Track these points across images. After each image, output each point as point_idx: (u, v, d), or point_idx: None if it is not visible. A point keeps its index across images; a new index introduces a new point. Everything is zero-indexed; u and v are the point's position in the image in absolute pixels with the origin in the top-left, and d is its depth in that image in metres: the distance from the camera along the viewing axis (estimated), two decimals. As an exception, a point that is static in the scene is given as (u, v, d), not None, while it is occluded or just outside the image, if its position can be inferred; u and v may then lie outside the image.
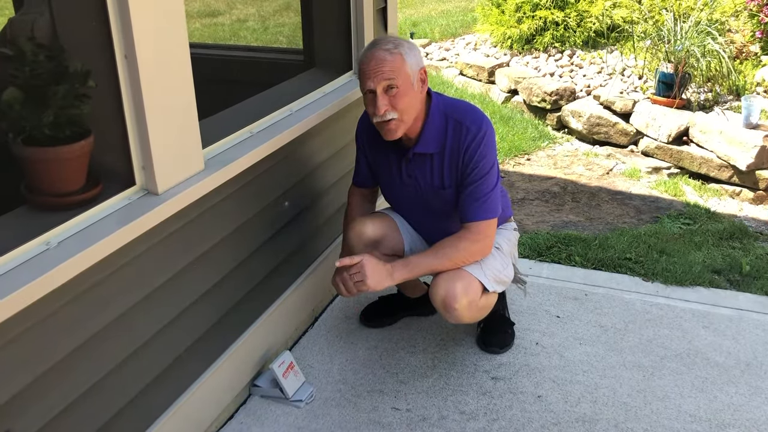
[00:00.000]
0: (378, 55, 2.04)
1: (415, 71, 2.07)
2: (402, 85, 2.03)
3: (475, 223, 2.13)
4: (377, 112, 2.05)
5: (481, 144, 2.10)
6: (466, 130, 2.11)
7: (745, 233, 3.57)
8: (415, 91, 2.07)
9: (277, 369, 2.20)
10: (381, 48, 2.05)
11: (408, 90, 2.05)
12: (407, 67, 2.04)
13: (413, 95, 2.07)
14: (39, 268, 1.41)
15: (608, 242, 3.30)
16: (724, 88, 4.97)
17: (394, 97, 2.04)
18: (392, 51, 2.03)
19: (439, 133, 2.14)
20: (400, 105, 2.05)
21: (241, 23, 8.37)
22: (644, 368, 2.37)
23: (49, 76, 1.51)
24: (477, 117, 2.14)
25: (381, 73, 2.02)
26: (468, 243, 2.13)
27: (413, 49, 2.09)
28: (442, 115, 2.15)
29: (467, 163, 2.12)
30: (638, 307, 2.72)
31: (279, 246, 2.38)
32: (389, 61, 2.02)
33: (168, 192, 1.75)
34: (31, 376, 1.46)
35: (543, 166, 4.75)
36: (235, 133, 2.12)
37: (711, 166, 4.56)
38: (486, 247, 2.17)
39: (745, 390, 2.26)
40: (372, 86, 2.05)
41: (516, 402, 2.22)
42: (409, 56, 2.05)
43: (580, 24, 6.08)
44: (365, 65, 2.06)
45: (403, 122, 2.08)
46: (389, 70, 2.02)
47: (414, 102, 2.08)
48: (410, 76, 2.05)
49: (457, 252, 2.13)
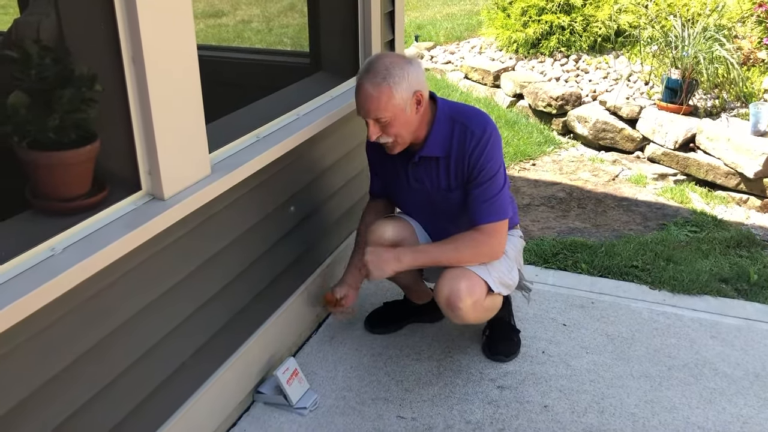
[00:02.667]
0: (365, 90, 2.03)
1: (406, 98, 2.04)
2: (391, 117, 2.04)
3: (485, 225, 2.13)
4: (370, 138, 2.10)
5: (487, 147, 2.10)
6: (471, 133, 2.11)
7: (753, 242, 3.55)
8: (408, 115, 2.07)
9: (281, 376, 2.18)
10: (369, 81, 2.03)
11: (398, 118, 2.05)
12: (396, 99, 2.02)
13: (406, 120, 2.07)
14: (44, 274, 1.39)
15: (615, 249, 3.28)
16: (731, 95, 4.94)
17: (385, 126, 2.06)
18: (380, 85, 2.01)
19: (445, 137, 2.14)
20: (392, 132, 2.07)
21: (245, 24, 8.36)
22: (652, 378, 2.34)
23: (55, 80, 1.49)
24: (482, 120, 2.14)
25: (368, 110, 2.05)
26: (478, 242, 2.14)
27: (405, 76, 2.02)
28: (448, 120, 2.15)
29: (474, 166, 2.12)
30: (645, 316, 2.70)
31: (284, 251, 2.36)
32: (375, 98, 2.02)
33: (174, 197, 1.73)
34: (37, 383, 1.44)
35: (548, 172, 4.72)
36: (241, 137, 2.10)
37: (718, 174, 4.53)
38: (496, 248, 2.16)
39: (754, 402, 2.24)
40: (362, 116, 2.09)
41: (522, 412, 2.20)
42: (399, 86, 2.01)
43: (587, 28, 6.05)
44: (356, 94, 2.09)
45: (398, 144, 2.12)
46: (375, 108, 2.03)
47: (408, 124, 2.09)
48: (400, 105, 2.03)
49: (466, 248, 2.14)
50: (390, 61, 2.05)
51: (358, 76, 2.09)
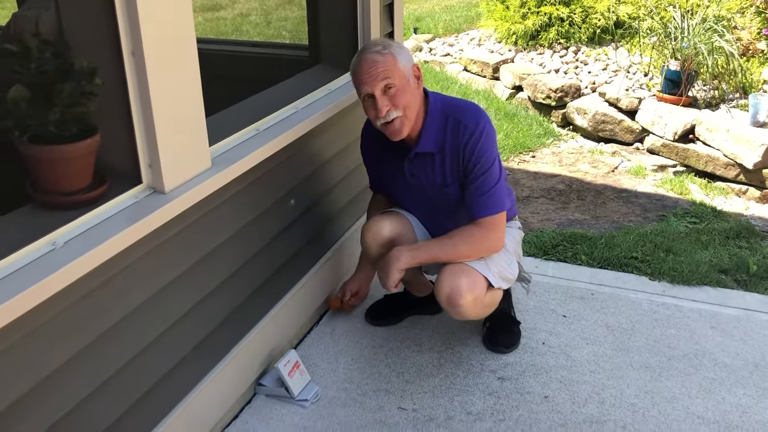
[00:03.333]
0: (370, 57, 2.07)
1: (408, 68, 2.10)
2: (399, 83, 2.07)
3: (483, 219, 2.14)
4: (379, 114, 2.08)
5: (480, 140, 2.11)
6: (464, 127, 2.12)
7: (752, 232, 3.55)
8: (412, 87, 2.11)
9: (283, 368, 2.19)
10: (371, 51, 2.08)
11: (405, 86, 2.08)
12: (400, 65, 2.07)
13: (411, 91, 2.10)
14: (45, 268, 1.39)
15: (614, 241, 3.29)
16: (731, 86, 4.94)
17: (393, 97, 2.07)
18: (382, 52, 2.07)
19: (439, 132, 2.15)
20: (401, 102, 2.08)
21: (243, 17, 8.34)
22: (651, 369, 2.35)
23: (55, 74, 1.49)
24: (475, 114, 2.15)
25: (376, 74, 2.05)
26: (477, 237, 2.15)
27: (403, 48, 2.14)
28: (441, 114, 2.16)
29: (468, 159, 2.13)
30: (645, 307, 2.71)
31: (285, 244, 2.36)
32: (381, 62, 2.05)
33: (175, 190, 1.73)
34: (38, 376, 1.44)
35: (548, 164, 4.72)
36: (241, 130, 2.10)
37: (717, 165, 4.54)
38: (496, 242, 2.17)
39: (753, 391, 2.25)
40: (369, 90, 2.07)
41: (523, 402, 2.21)
42: (400, 55, 2.09)
43: (586, 20, 6.04)
44: (359, 71, 2.09)
45: (407, 118, 2.11)
46: (383, 70, 2.05)
47: (414, 98, 2.11)
48: (405, 73, 2.09)
49: (465, 243, 2.15)
50: (382, 39, 2.14)
51: (353, 61, 2.12)
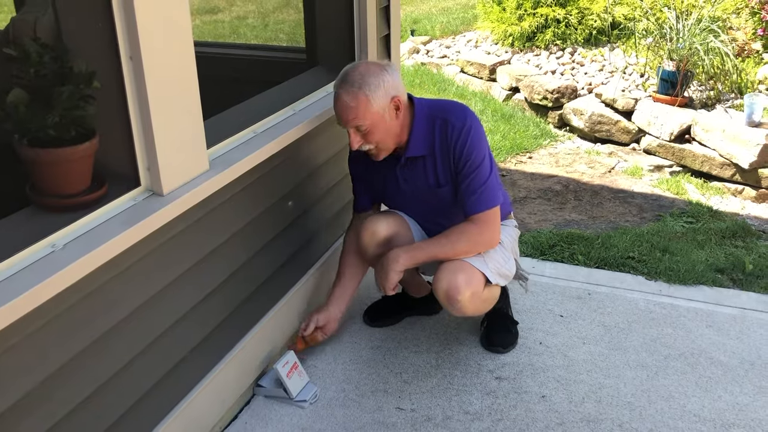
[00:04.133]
0: (342, 100, 2.06)
1: (384, 105, 2.07)
2: (370, 124, 2.07)
3: (477, 215, 2.16)
4: (351, 146, 2.12)
5: (469, 137, 2.13)
6: (451, 126, 2.14)
7: (748, 232, 3.57)
8: (387, 122, 2.10)
9: (281, 369, 2.20)
10: (345, 91, 2.05)
11: (378, 124, 2.08)
12: (373, 107, 2.05)
13: (386, 127, 2.10)
14: (45, 270, 1.40)
15: (611, 241, 3.30)
16: (726, 86, 4.96)
17: (365, 134, 2.09)
18: (356, 94, 2.03)
19: (427, 134, 2.18)
20: (374, 139, 2.10)
21: (240, 20, 8.36)
22: (648, 368, 2.37)
23: (53, 77, 1.51)
24: (460, 112, 2.17)
25: (347, 120, 2.07)
26: (472, 233, 2.16)
27: (380, 84, 2.04)
28: (427, 118, 2.18)
29: (458, 157, 2.15)
30: (642, 306, 2.72)
31: (283, 245, 2.38)
32: (352, 108, 2.04)
33: (173, 193, 1.74)
34: (37, 378, 1.45)
35: (545, 165, 4.74)
36: (239, 133, 2.11)
37: (713, 165, 4.56)
38: (492, 236, 2.19)
39: (749, 389, 2.26)
40: (342, 126, 2.11)
41: (520, 402, 2.22)
42: (375, 94, 2.04)
43: (582, 21, 6.07)
44: (334, 104, 2.11)
45: (381, 150, 2.15)
46: (353, 117, 2.06)
47: (389, 130, 2.12)
48: (378, 112, 2.06)
49: (461, 241, 2.16)
50: (364, 68, 2.07)
51: (334, 86, 2.11)
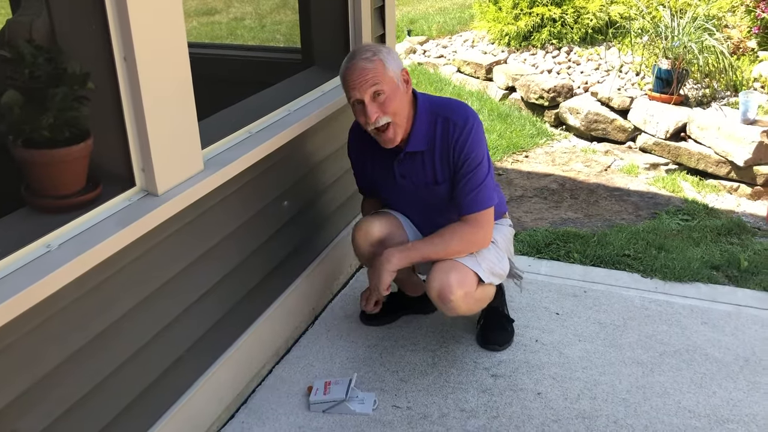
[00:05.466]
0: (359, 65, 2.09)
1: (397, 73, 2.12)
2: (388, 89, 2.09)
3: (471, 215, 2.17)
4: (369, 120, 2.10)
5: (470, 136, 2.15)
6: (453, 124, 2.16)
7: (743, 229, 3.58)
8: (402, 92, 2.13)
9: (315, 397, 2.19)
10: (360, 58, 2.10)
11: (395, 92, 2.10)
12: (390, 72, 2.10)
13: (401, 96, 2.12)
14: (40, 270, 1.41)
15: (607, 239, 3.31)
16: (721, 84, 4.97)
17: (383, 103, 2.09)
18: (372, 59, 2.09)
19: (428, 131, 2.19)
20: (391, 108, 2.10)
21: (238, 21, 8.36)
22: (643, 364, 2.38)
23: (48, 79, 1.51)
24: (463, 111, 2.19)
25: (365, 81, 2.08)
26: (466, 233, 2.18)
27: (392, 53, 2.15)
28: (429, 114, 2.19)
29: (458, 156, 2.16)
30: (637, 304, 2.73)
31: (279, 245, 2.38)
32: (371, 69, 2.08)
33: (168, 193, 1.75)
34: (34, 378, 1.46)
35: (541, 163, 4.75)
36: (234, 133, 2.12)
37: (709, 162, 4.57)
38: (485, 237, 2.20)
39: (743, 385, 2.27)
40: (359, 96, 2.10)
41: (516, 399, 2.23)
42: (389, 61, 2.11)
43: (578, 20, 6.07)
44: (348, 77, 2.11)
45: (398, 125, 2.14)
46: (372, 77, 2.07)
47: (403, 103, 2.14)
48: (394, 79, 2.11)
49: (454, 240, 2.17)
50: (372, 44, 2.15)
51: (342, 67, 2.14)
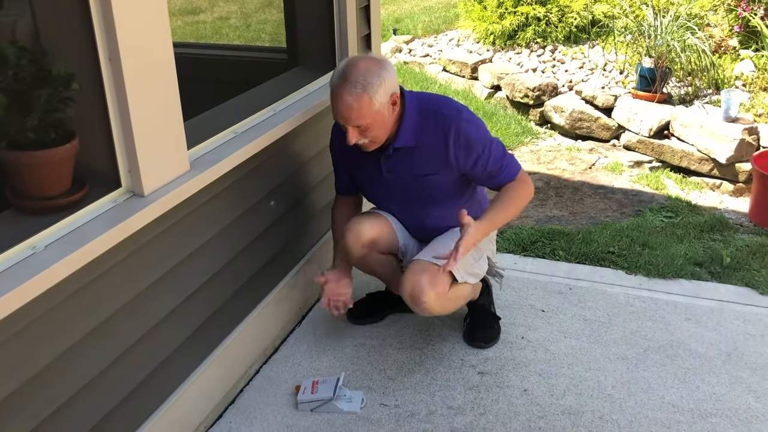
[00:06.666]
0: (345, 101, 2.04)
1: (384, 103, 2.08)
2: (371, 122, 2.07)
3: (512, 183, 2.23)
4: (348, 142, 2.12)
5: (469, 123, 2.17)
6: (445, 118, 2.17)
7: (726, 225, 3.62)
8: (386, 116, 2.11)
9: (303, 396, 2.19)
10: (348, 92, 2.03)
11: (378, 121, 2.09)
12: (375, 106, 2.05)
13: (383, 122, 2.11)
14: (26, 272, 1.41)
15: (591, 236, 3.34)
16: (704, 82, 5.02)
17: (364, 131, 2.10)
18: (360, 95, 2.02)
19: (417, 126, 2.19)
20: (371, 134, 2.11)
21: (223, 21, 8.32)
22: (628, 360, 2.40)
23: (32, 80, 1.51)
24: (450, 102, 2.22)
25: (348, 119, 2.06)
26: (519, 191, 2.23)
27: (382, 82, 2.05)
28: (417, 110, 2.20)
29: (465, 144, 2.16)
30: (622, 300, 2.76)
31: (266, 245, 2.39)
32: (356, 108, 2.04)
33: (154, 194, 1.75)
34: (20, 380, 1.46)
35: (526, 162, 4.78)
36: (219, 133, 2.12)
37: (692, 160, 4.62)
38: (531, 189, 2.28)
39: (726, 380, 2.30)
40: (342, 123, 2.11)
41: (503, 396, 2.25)
42: (378, 93, 2.04)
43: (562, 19, 6.11)
44: (334, 103, 2.09)
45: (375, 143, 2.16)
46: (356, 117, 2.05)
47: (385, 126, 2.13)
48: (380, 111, 2.07)
49: (516, 200, 2.23)
50: (365, 67, 2.05)
51: (333, 83, 2.08)
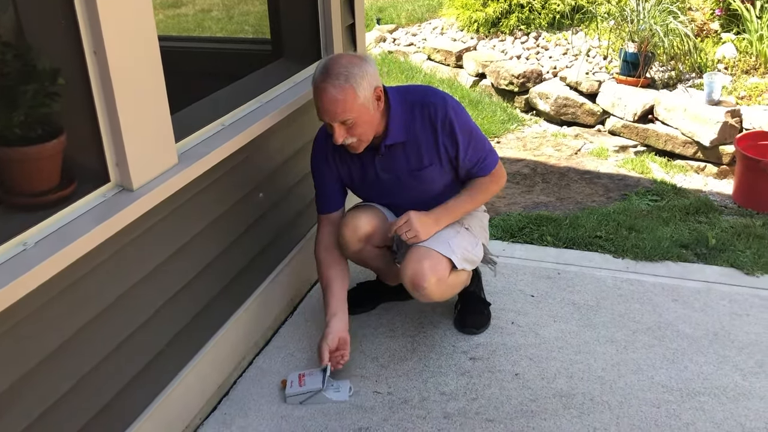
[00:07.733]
0: (329, 93, 2.02)
1: (369, 96, 2.06)
2: (357, 116, 2.05)
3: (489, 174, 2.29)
4: (335, 141, 2.09)
5: (453, 111, 2.19)
6: (432, 106, 2.17)
7: (711, 207, 3.67)
8: (372, 111, 2.09)
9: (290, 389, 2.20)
10: (331, 84, 2.01)
11: (364, 116, 2.07)
12: (360, 98, 2.04)
13: (370, 117, 2.10)
14: (16, 269, 1.41)
15: (579, 221, 3.37)
16: (686, 66, 5.06)
17: (351, 127, 2.07)
18: (343, 87, 2.01)
19: (405, 120, 2.19)
20: (358, 131, 2.09)
21: (205, 13, 8.26)
22: (617, 342, 2.43)
23: (17, 76, 1.50)
24: (434, 92, 2.23)
25: (334, 112, 2.04)
26: (490, 184, 2.31)
27: (365, 74, 2.05)
28: (402, 104, 2.19)
29: (450, 132, 2.18)
30: (609, 284, 2.79)
31: (256, 237, 2.39)
32: (341, 101, 2.01)
33: (143, 188, 1.75)
34: (13, 377, 1.46)
35: (513, 149, 4.80)
36: (207, 126, 2.12)
37: (676, 143, 4.66)
38: (503, 181, 2.35)
39: (713, 359, 2.34)
40: (327, 120, 2.08)
41: (494, 381, 2.27)
42: (361, 86, 2.03)
43: (545, 6, 6.12)
44: (318, 98, 2.06)
45: (363, 142, 2.14)
46: (342, 111, 2.03)
47: (371, 122, 2.12)
48: (364, 104, 2.05)
49: (484, 192, 2.30)
50: (347, 60, 2.05)
51: (315, 79, 2.07)
